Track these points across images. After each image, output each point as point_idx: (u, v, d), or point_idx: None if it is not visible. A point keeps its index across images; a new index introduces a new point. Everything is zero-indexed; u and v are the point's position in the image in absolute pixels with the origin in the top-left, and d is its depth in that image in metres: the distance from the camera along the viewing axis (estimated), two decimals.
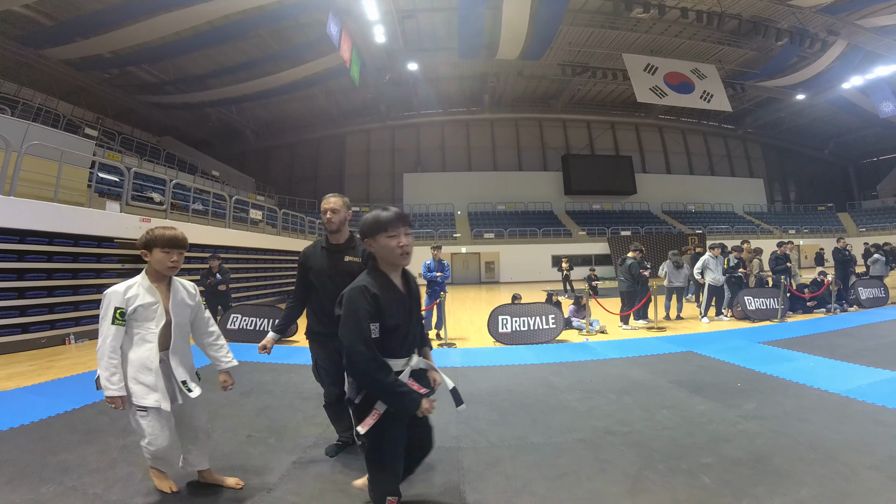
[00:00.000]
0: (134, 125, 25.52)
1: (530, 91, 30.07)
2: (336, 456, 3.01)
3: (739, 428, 3.28)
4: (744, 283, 9.28)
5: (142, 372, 2.27)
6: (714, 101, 23.43)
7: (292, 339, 7.29)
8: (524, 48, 20.59)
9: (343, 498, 2.47)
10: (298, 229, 18.29)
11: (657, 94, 22.63)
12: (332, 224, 2.88)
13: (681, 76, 23.08)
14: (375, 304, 1.88)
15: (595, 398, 4.13)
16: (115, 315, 2.23)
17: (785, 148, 36.82)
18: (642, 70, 22.53)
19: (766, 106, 30.88)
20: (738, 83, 25.48)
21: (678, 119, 33.88)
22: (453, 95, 29.77)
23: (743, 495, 2.37)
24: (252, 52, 21.04)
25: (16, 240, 6.42)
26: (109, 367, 2.19)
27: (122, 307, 2.25)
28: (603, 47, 23.14)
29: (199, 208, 12.48)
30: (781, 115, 31.91)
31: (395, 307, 1.95)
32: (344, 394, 2.94)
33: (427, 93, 27.97)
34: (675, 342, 6.68)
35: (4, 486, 2.51)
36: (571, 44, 22.63)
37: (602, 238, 27.11)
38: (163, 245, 2.32)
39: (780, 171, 37.40)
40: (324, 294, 2.85)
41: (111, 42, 17.94)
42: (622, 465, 2.79)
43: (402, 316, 1.98)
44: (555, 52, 22.92)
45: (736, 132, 35.20)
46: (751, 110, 31.85)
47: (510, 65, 24.23)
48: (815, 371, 4.69)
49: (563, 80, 26.95)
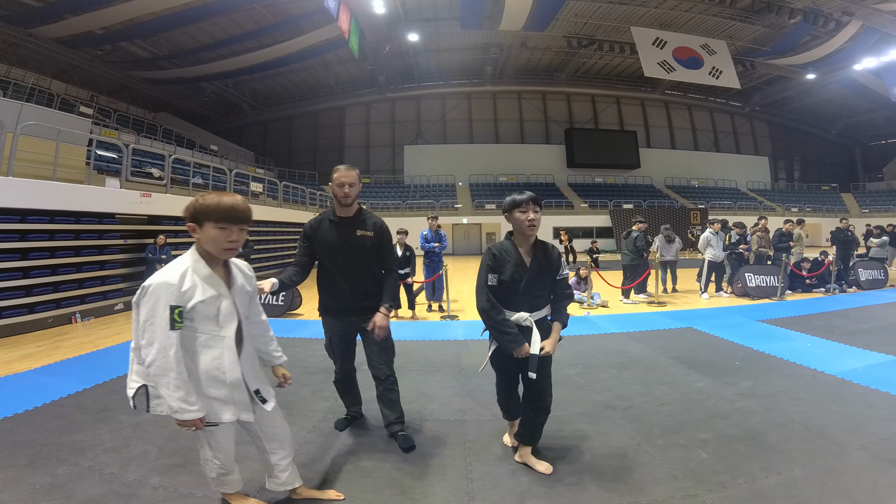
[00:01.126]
0: (129, 102, 25.28)
1: (534, 63, 29.56)
2: (345, 430, 3.06)
3: (736, 405, 3.35)
4: (744, 260, 9.31)
5: (212, 385, 1.81)
6: (723, 77, 23.08)
7: (297, 313, 7.37)
8: (528, 19, 20.15)
9: (354, 471, 2.54)
10: (299, 201, 18.28)
11: (665, 68, 22.30)
12: (348, 198, 2.66)
13: (690, 51, 22.68)
14: (494, 261, 2.45)
15: (595, 373, 4.21)
16: (174, 316, 1.67)
17: (792, 127, 36.44)
18: (651, 44, 22.13)
19: (775, 84, 30.40)
20: (748, 60, 24.99)
21: (685, 95, 33.44)
22: (455, 67, 29.33)
23: (738, 472, 2.43)
24: (247, 24, 20.63)
25: (17, 219, 6.41)
26: (182, 385, 1.68)
27: (180, 305, 1.70)
28: (611, 20, 22.64)
29: (199, 182, 12.44)
30: (790, 93, 31.46)
31: (509, 267, 2.42)
32: (354, 370, 3.03)
33: (428, 64, 27.53)
34: (675, 318, 6.75)
35: (25, 468, 2.54)
36: (578, 15, 22.12)
37: (604, 210, 27.14)
38: (218, 219, 1.74)
39: (786, 149, 37.11)
40: (335, 270, 2.74)
41: (102, 18, 17.54)
42: (622, 439, 2.87)
43: (514, 275, 2.41)
44: (560, 24, 22.44)
45: (743, 109, 34.80)
46: (759, 88, 31.38)
47: (513, 36, 23.75)
48: (811, 351, 4.77)
49: (568, 53, 26.47)
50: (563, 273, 2.52)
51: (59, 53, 20.19)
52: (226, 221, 1.75)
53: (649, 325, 6.20)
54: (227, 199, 1.77)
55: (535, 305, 2.48)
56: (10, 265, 6.25)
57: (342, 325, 2.82)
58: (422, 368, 4.41)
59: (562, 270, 2.51)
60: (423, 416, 3.27)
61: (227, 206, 1.74)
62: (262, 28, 20.68)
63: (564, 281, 2.55)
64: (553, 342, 2.44)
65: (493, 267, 2.44)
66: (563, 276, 2.53)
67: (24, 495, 2.25)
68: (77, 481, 2.40)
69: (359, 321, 2.76)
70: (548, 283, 2.50)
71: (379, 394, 2.85)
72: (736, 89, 25.99)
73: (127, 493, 2.30)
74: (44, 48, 19.48)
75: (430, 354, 4.91)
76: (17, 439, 2.88)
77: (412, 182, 30.65)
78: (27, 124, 6.86)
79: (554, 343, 2.44)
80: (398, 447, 2.77)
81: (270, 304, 7.30)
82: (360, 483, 2.42)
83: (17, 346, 5.50)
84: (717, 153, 34.96)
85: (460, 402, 3.54)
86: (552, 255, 2.51)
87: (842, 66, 24.08)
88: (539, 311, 2.48)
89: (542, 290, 2.49)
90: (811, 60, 23.81)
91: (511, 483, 2.40)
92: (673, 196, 30.88)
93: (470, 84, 31.31)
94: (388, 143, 32.05)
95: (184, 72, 23.70)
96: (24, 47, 19.11)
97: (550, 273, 2.48)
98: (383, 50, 24.05)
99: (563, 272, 2.52)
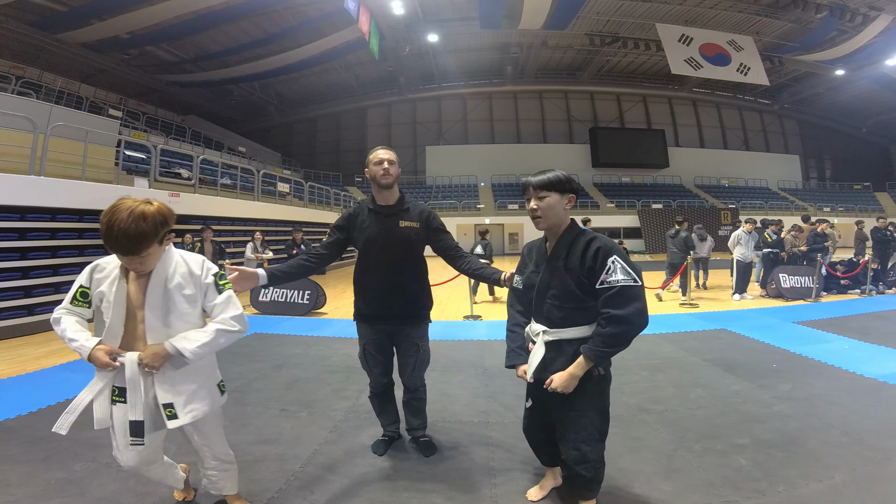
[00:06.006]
0: (157, 105, 25.86)
1: (555, 62, 29.32)
2: (384, 454, 2.67)
3: (773, 409, 3.23)
4: (779, 261, 9.05)
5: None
6: (751, 74, 22.54)
7: (321, 312, 7.35)
8: (548, 17, 19.97)
9: (374, 473, 2.48)
10: (324, 201, 18.54)
11: (692, 65, 21.87)
12: (388, 177, 2.36)
13: (717, 48, 22.19)
14: (521, 259, 2.12)
15: (626, 374, 4.08)
16: (76, 294, 1.73)
17: (822, 124, 35.38)
18: (676, 41, 21.72)
19: (804, 81, 29.56)
20: (776, 56, 24.38)
21: (713, 92, 32.76)
22: (475, 67, 29.29)
23: (776, 479, 2.33)
24: (269, 27, 20.96)
25: (48, 218, 6.56)
26: (74, 337, 1.70)
27: (87, 287, 1.75)
28: (634, 17, 22.27)
29: (227, 182, 12.65)
30: (819, 90, 30.54)
31: (530, 266, 2.03)
32: (392, 384, 2.70)
33: (448, 65, 27.53)
34: (708, 319, 6.58)
35: (40, 463, 2.52)
36: (600, 13, 21.84)
37: (632, 210, 26.72)
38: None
39: (816, 147, 36.08)
40: (375, 268, 2.40)
41: (127, 23, 17.95)
42: (656, 443, 2.76)
43: (531, 276, 2.00)
44: (582, 22, 22.17)
45: (772, 107, 33.98)
46: (788, 85, 30.56)
47: (533, 35, 23.59)
48: (848, 354, 4.60)
49: (590, 51, 26.15)
50: (612, 280, 1.72)
51: (87, 58, 20.74)
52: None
53: (682, 327, 6.04)
54: (107, 222, 1.53)
55: (554, 319, 1.87)
56: (40, 263, 6.41)
57: (379, 332, 2.51)
58: (444, 368, 4.34)
59: (607, 276, 1.74)
60: (446, 418, 3.20)
61: (104, 235, 1.54)
62: (283, 31, 20.96)
63: (614, 294, 1.72)
64: (563, 376, 1.80)
65: (519, 268, 2.11)
66: (611, 286, 1.73)
67: (39, 491, 2.24)
68: (92, 477, 2.39)
69: (398, 328, 2.49)
70: (576, 292, 1.82)
71: (406, 400, 2.72)
72: (764, 86, 25.40)
73: (143, 490, 2.27)
74: (71, 53, 20.03)
75: (453, 354, 4.84)
76: (36, 435, 2.89)
77: (434, 183, 30.70)
78: (56, 125, 7.02)
79: (564, 377, 1.79)
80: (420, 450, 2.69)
81: (295, 303, 7.32)
82: (379, 484, 2.37)
83: (46, 342, 5.62)
84: (747, 152, 34.13)
85: (483, 404, 3.46)
86: (582, 254, 1.82)
87: (871, 62, 23.22)
88: (563, 330, 1.85)
89: (565, 299, 1.84)
90: (839, 56, 23.06)
91: None
92: (703, 196, 30.30)
93: (490, 84, 31.23)
94: (410, 144, 32.17)
95: (209, 75, 24.20)
96: (52, 52, 19.67)
97: (576, 277, 1.82)
98: (403, 51, 24.14)
99: (610, 279, 1.73)
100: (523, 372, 1.97)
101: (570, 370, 1.79)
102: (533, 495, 2.20)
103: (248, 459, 2.59)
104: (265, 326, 6.25)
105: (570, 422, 1.88)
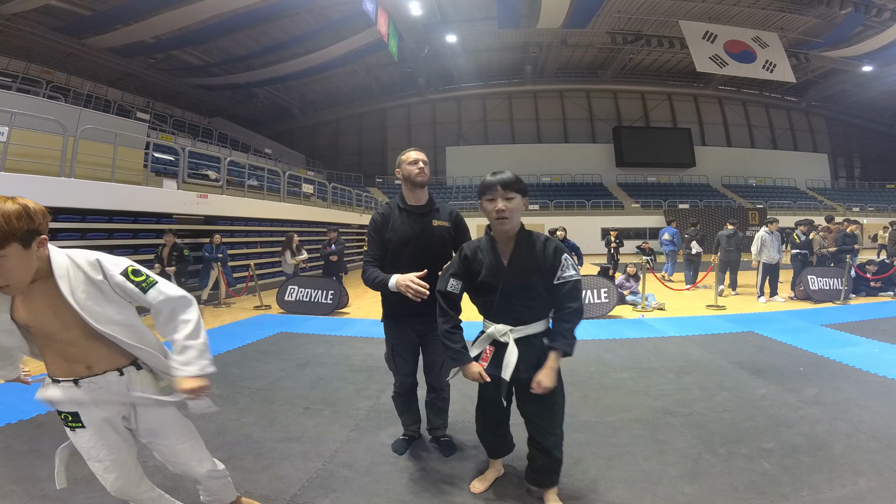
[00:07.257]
0: (184, 108, 26.41)
1: (576, 61, 29.04)
2: (405, 453, 2.71)
3: (800, 413, 3.16)
4: (808, 262, 8.84)
5: None
6: (777, 71, 22.01)
7: (344, 311, 7.46)
8: (567, 16, 19.82)
9: (393, 471, 2.51)
10: (346, 202, 18.77)
11: (717, 63, 21.46)
12: (423, 175, 2.43)
13: (742, 44, 21.72)
14: (463, 263, 2.05)
15: (651, 377, 4.03)
16: None
17: (850, 122, 34.38)
18: (701, 38, 21.34)
19: (831, 77, 28.71)
20: (802, 52, 23.75)
21: (739, 90, 32.13)
22: (494, 67, 29.24)
23: (802, 484, 2.29)
24: (292, 30, 21.25)
25: (78, 219, 6.78)
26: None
27: None
28: (657, 14, 21.97)
29: (253, 184, 12.89)
30: (846, 87, 29.65)
31: (482, 270, 2.00)
32: (416, 384, 2.72)
33: (466, 65, 27.52)
34: (735, 321, 6.45)
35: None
36: (621, 11, 21.59)
37: (658, 210, 26.28)
38: None
39: (845, 146, 35.07)
40: (409, 267, 2.34)
41: (152, 28, 18.33)
42: (681, 446, 2.72)
43: (487, 280, 1.99)
44: (602, 20, 21.93)
45: (799, 105, 33.09)
46: (815, 82, 29.74)
47: (553, 34, 23.41)
48: (879, 357, 4.46)
49: (612, 49, 25.85)
50: (567, 275, 1.91)
51: (113, 62, 21.29)
52: None
53: (709, 329, 5.94)
54: None
55: (522, 318, 1.99)
56: None
57: (409, 332, 2.53)
58: None
59: (562, 272, 1.91)
60: (466, 418, 3.19)
61: None
62: (305, 33, 21.24)
63: (570, 289, 1.92)
64: (548, 374, 1.89)
65: (457, 272, 2.04)
66: (567, 281, 1.92)
67: (67, 487, 2.07)
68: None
69: (430, 326, 2.44)
70: (540, 289, 1.95)
71: (430, 400, 2.72)
72: (791, 84, 24.81)
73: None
74: (98, 57, 20.56)
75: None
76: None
77: (454, 183, 30.72)
78: (86, 128, 7.24)
79: (550, 375, 1.89)
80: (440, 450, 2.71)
81: (319, 303, 7.43)
82: (400, 483, 2.39)
83: None
84: (775, 150, 33.36)
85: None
86: (542, 253, 1.95)
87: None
88: (529, 325, 1.99)
89: (532, 297, 1.97)
90: (866, 52, 22.43)
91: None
92: (730, 195, 29.73)
93: (510, 84, 31.11)
94: (430, 145, 32.25)
95: (235, 78, 24.66)
96: (79, 57, 20.23)
97: (541, 275, 1.94)
98: (422, 52, 24.23)
99: (565, 274, 1.91)
100: (478, 374, 1.97)
101: (550, 366, 1.91)
102: (478, 488, 2.28)
103: (274, 456, 2.65)
104: (291, 325, 6.38)
105: (548, 411, 2.02)
